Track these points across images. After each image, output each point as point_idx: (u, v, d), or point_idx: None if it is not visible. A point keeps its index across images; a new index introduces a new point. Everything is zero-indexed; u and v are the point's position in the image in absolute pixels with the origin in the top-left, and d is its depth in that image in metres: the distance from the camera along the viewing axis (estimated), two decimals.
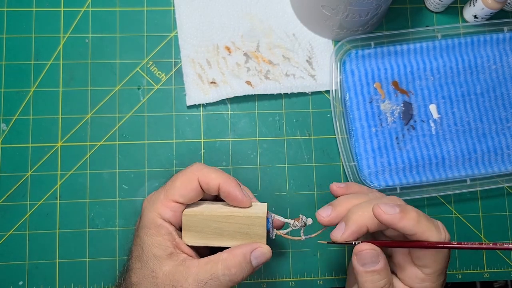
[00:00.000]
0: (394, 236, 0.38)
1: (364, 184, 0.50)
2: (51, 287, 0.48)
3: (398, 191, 0.50)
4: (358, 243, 0.36)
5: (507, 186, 0.52)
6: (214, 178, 0.38)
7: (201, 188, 0.38)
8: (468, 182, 0.50)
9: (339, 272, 0.50)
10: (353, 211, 0.37)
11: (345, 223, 0.36)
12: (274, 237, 0.39)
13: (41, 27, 0.51)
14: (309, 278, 0.50)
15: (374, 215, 0.35)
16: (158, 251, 0.37)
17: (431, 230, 0.35)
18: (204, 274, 0.36)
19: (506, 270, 0.51)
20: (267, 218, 0.38)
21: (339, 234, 0.36)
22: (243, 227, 0.38)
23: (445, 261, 0.37)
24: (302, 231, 0.39)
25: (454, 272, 0.51)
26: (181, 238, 0.38)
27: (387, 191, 0.50)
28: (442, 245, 0.35)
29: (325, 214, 0.38)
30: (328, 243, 0.38)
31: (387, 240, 0.39)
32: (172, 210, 0.38)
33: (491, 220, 0.52)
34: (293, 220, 0.39)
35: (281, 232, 0.39)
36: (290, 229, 0.39)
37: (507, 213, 0.52)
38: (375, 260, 0.36)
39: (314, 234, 0.39)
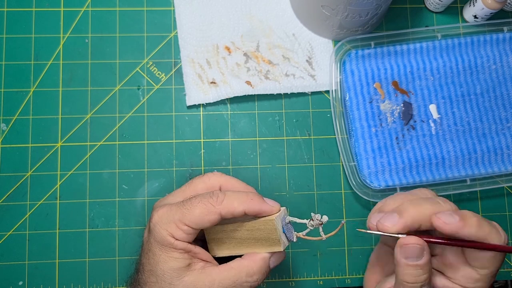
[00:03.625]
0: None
1: (364, 184, 0.50)
2: (51, 287, 0.48)
3: (398, 191, 0.50)
4: (403, 235, 0.36)
5: (507, 186, 0.52)
6: (238, 207, 0.37)
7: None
8: (468, 182, 0.50)
9: (339, 272, 0.50)
10: (411, 204, 0.36)
11: (398, 214, 0.36)
12: (295, 239, 0.39)
13: (41, 27, 0.51)
14: (309, 278, 0.50)
15: (435, 226, 0.35)
16: (175, 264, 0.37)
17: (493, 233, 0.35)
18: (227, 281, 0.37)
19: (506, 270, 0.51)
20: (282, 221, 0.38)
21: (391, 224, 0.35)
22: (259, 232, 0.38)
23: (501, 263, 0.36)
24: (321, 230, 0.38)
25: None
26: (195, 246, 0.38)
27: (387, 191, 0.50)
28: (501, 249, 0.35)
29: (390, 223, 0.36)
30: (368, 232, 0.37)
31: (436, 236, 0.37)
32: (186, 232, 0.37)
33: (491, 220, 0.52)
34: (308, 220, 0.38)
35: (300, 234, 0.39)
36: (308, 229, 0.38)
37: (507, 213, 0.52)
38: (419, 255, 0.35)
39: (334, 232, 0.37)
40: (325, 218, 0.38)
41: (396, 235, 0.36)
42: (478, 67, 0.53)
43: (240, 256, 0.39)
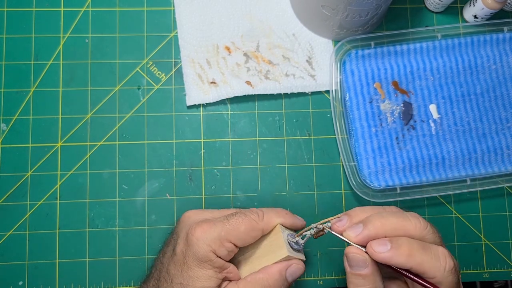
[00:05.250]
0: None
1: (364, 184, 0.50)
2: (51, 287, 0.48)
3: (398, 191, 0.50)
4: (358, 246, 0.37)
5: (507, 186, 0.52)
6: (276, 221, 0.39)
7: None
8: (468, 182, 0.50)
9: (339, 272, 0.50)
10: (378, 216, 0.37)
11: (363, 225, 0.36)
12: (303, 245, 0.40)
13: (41, 27, 0.51)
14: (309, 278, 0.50)
15: (369, 254, 0.36)
16: (208, 283, 0.37)
17: (428, 262, 0.35)
18: None
19: (506, 270, 0.51)
20: (285, 231, 0.40)
21: (354, 235, 0.36)
22: (267, 244, 0.39)
23: None
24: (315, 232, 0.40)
25: None
26: (230, 264, 0.38)
27: (387, 191, 0.50)
28: (425, 283, 0.35)
29: (354, 233, 0.37)
30: (331, 232, 0.38)
31: None
32: (228, 250, 0.37)
33: (491, 220, 0.52)
34: (308, 231, 0.39)
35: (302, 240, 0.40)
36: (307, 238, 0.40)
37: (507, 213, 0.52)
38: (362, 265, 0.36)
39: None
40: (327, 225, 0.39)
41: (356, 245, 0.37)
42: (478, 67, 0.53)
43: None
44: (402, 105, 0.52)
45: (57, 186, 0.49)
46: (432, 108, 0.52)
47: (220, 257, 0.37)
